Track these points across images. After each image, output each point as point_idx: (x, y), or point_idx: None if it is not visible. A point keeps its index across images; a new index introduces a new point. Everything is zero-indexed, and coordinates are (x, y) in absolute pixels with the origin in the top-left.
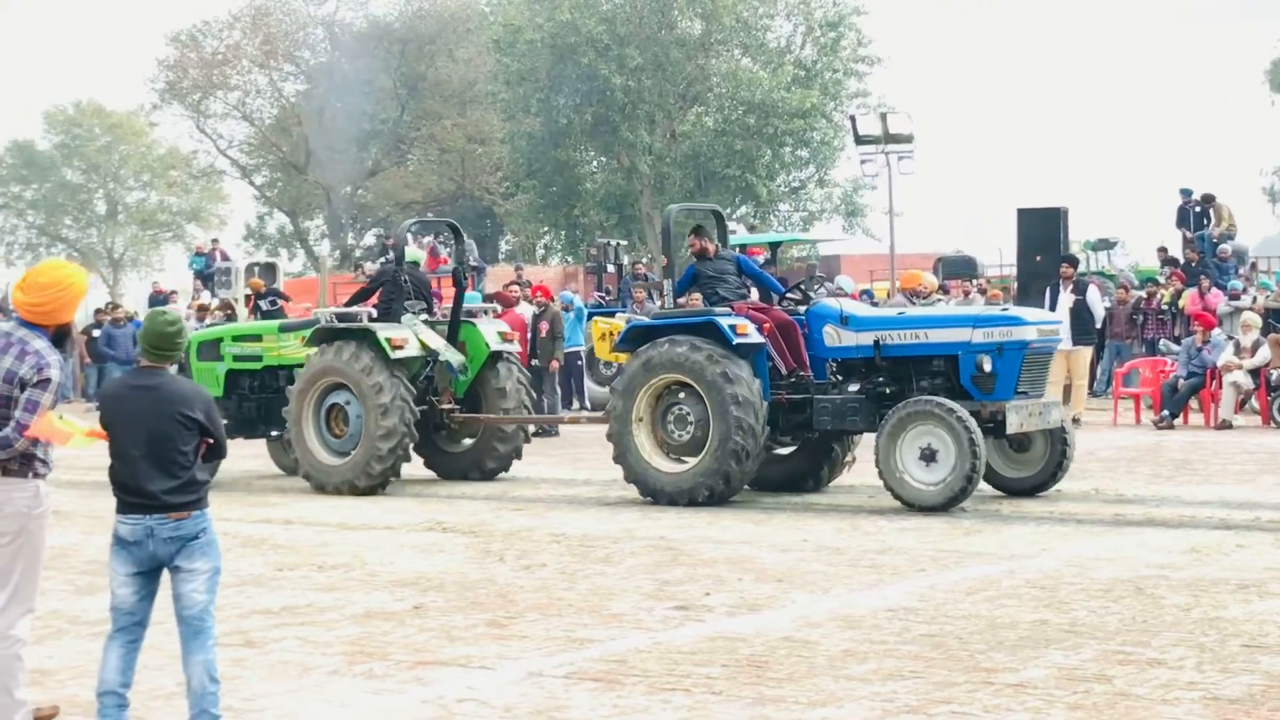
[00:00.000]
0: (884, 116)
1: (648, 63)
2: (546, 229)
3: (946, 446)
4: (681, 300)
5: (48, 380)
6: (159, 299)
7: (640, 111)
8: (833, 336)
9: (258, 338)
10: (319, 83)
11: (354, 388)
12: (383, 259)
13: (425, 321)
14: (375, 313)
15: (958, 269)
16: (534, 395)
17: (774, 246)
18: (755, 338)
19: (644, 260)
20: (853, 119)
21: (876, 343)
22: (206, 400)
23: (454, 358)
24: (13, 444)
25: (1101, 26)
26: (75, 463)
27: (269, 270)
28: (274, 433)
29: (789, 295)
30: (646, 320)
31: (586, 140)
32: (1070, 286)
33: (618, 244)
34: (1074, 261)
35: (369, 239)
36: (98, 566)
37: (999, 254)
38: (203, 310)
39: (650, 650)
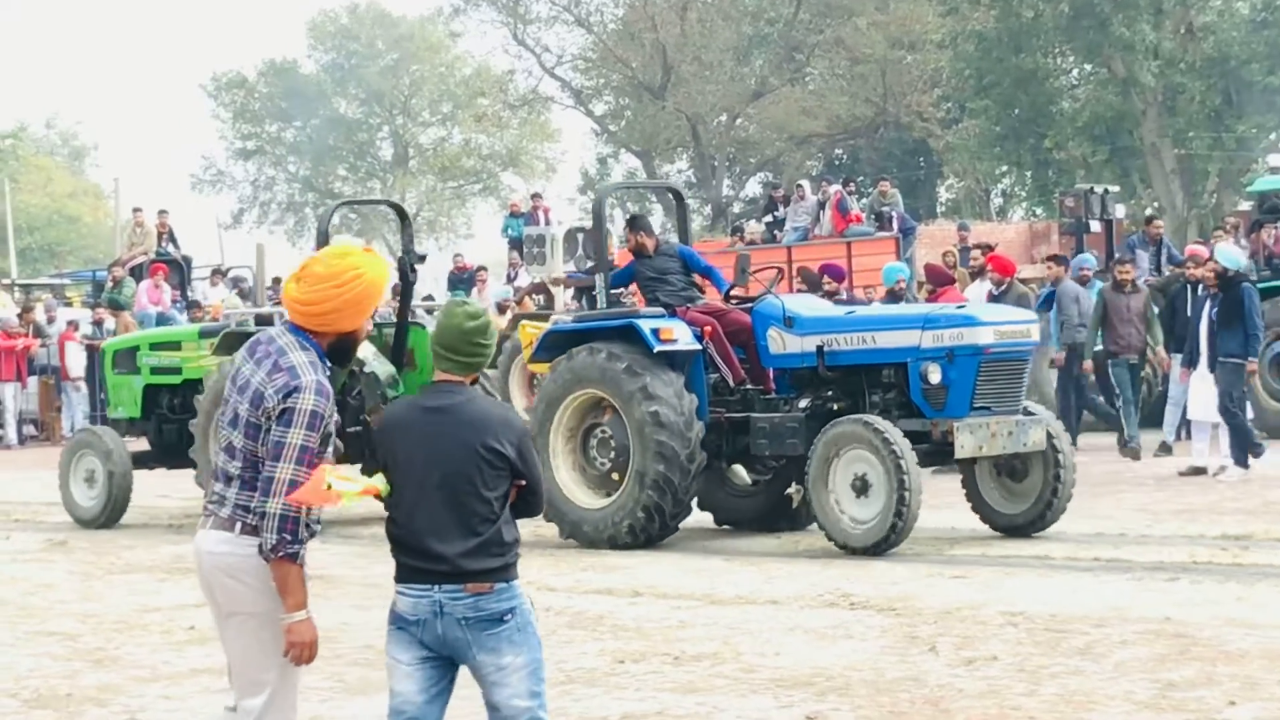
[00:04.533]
0: None
1: None
2: (1005, 169)
3: (879, 475)
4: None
5: (290, 410)
6: (462, 278)
7: None
8: (776, 341)
9: (176, 345)
10: None
11: None
12: (768, 217)
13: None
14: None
15: None
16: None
17: None
18: (686, 344)
19: (1150, 212)
20: None
21: (819, 349)
22: (520, 430)
23: (381, 369)
24: (264, 509)
25: None
26: (344, 512)
27: None
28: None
29: (733, 293)
30: (567, 325)
31: (1062, 41)
32: None
33: (1106, 190)
34: None
35: (752, 188)
36: (374, 655)
37: None
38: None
39: None
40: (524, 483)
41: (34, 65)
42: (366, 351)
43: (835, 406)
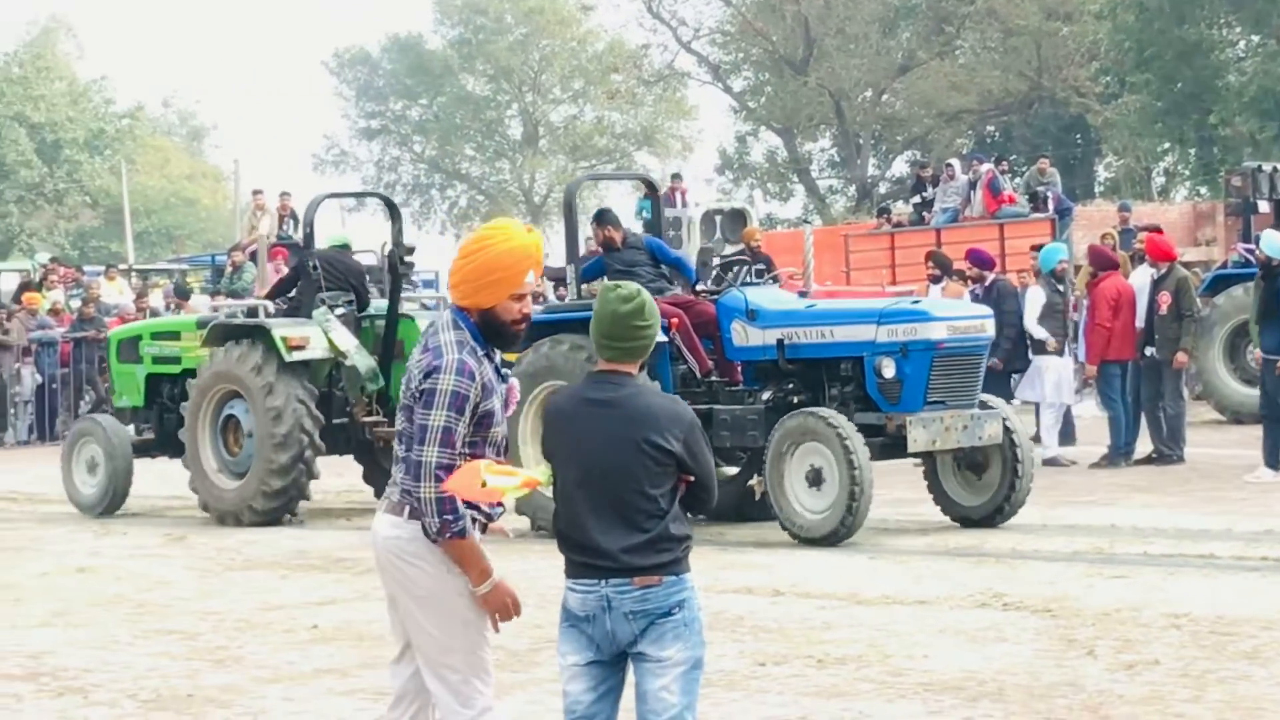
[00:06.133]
0: None
1: None
2: (1167, 146)
3: (831, 468)
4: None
5: (430, 391)
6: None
7: None
8: (740, 334)
9: (176, 335)
10: None
11: (245, 393)
12: (916, 198)
13: (345, 316)
14: (271, 306)
15: None
16: None
17: None
18: None
19: None
20: None
21: (780, 342)
22: (688, 422)
23: (361, 362)
24: (418, 494)
25: None
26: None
27: (734, 220)
28: None
29: (702, 285)
30: (535, 317)
31: (1228, 10)
32: None
33: (1275, 168)
34: None
35: (899, 167)
36: (504, 656)
37: None
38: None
39: None
40: (692, 478)
41: (150, 42)
42: (349, 344)
43: (796, 399)
